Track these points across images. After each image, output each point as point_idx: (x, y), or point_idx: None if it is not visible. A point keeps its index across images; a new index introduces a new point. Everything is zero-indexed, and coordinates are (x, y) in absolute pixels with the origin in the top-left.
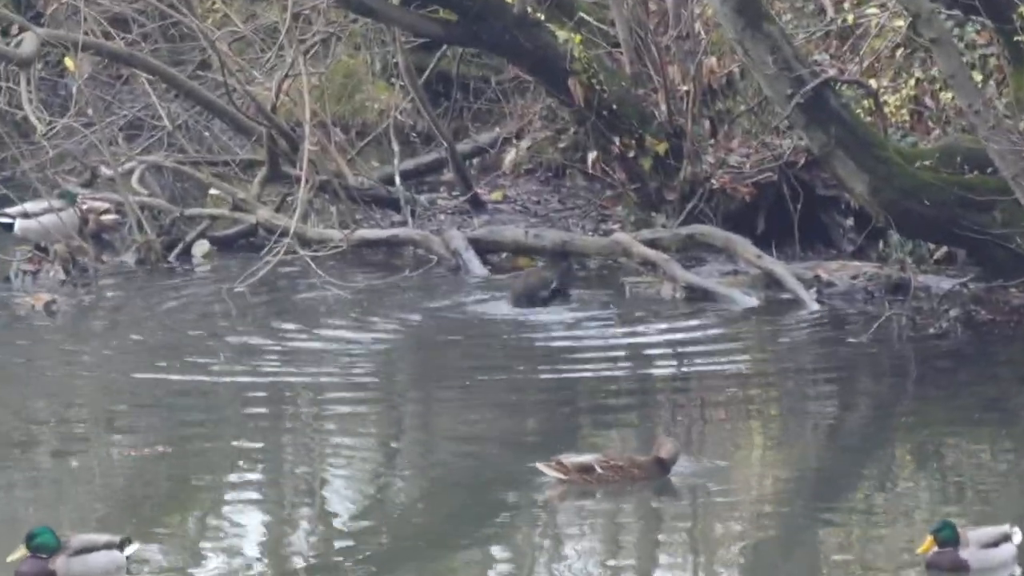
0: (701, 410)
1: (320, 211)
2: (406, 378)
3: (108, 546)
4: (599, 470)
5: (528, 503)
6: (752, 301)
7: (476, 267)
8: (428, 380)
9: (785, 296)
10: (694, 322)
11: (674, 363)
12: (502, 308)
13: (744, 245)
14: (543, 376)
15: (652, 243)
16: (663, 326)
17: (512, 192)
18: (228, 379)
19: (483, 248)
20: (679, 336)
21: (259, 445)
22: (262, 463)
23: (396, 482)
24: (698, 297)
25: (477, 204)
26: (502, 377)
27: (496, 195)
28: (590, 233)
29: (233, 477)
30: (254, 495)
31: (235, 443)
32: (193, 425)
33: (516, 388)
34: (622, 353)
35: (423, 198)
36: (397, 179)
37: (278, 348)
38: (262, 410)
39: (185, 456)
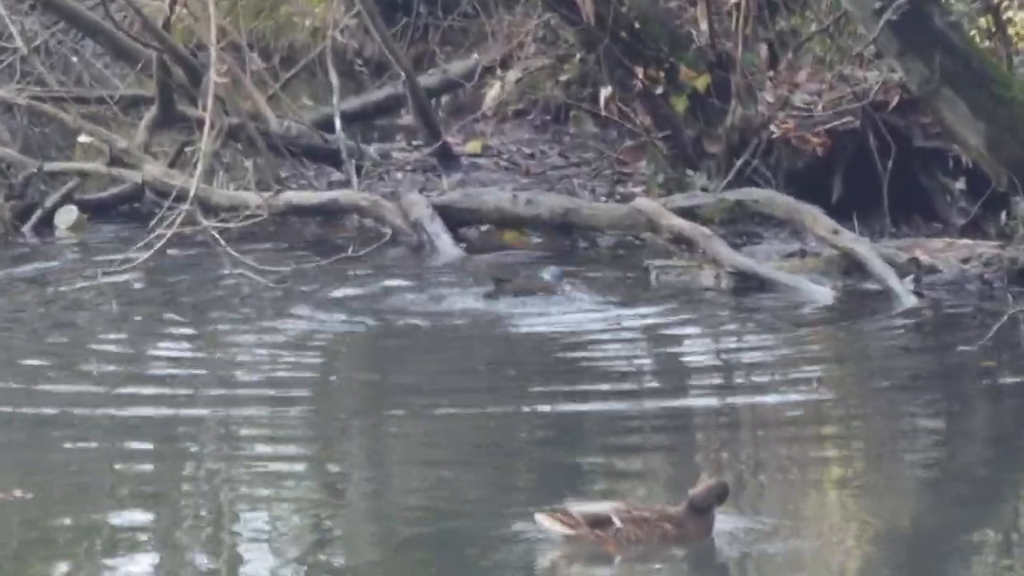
0: (756, 448)
1: (231, 167)
2: (349, 401)
3: None
4: (618, 523)
5: (519, 569)
6: (825, 294)
7: (446, 244)
8: (379, 404)
9: (871, 286)
10: (745, 323)
11: (719, 381)
12: (482, 303)
13: (815, 216)
14: (538, 401)
15: (687, 212)
16: (703, 328)
17: (495, 142)
18: (104, 403)
19: (455, 219)
20: (724, 342)
21: (149, 488)
22: (153, 510)
23: (335, 539)
24: (751, 287)
25: (447, 158)
26: (482, 404)
27: (473, 146)
28: (602, 198)
29: (115, 528)
30: (143, 552)
31: (117, 487)
32: (58, 463)
33: (501, 417)
34: (646, 366)
35: (372, 149)
36: (337, 123)
37: (174, 357)
38: (152, 443)
39: (49, 502)
